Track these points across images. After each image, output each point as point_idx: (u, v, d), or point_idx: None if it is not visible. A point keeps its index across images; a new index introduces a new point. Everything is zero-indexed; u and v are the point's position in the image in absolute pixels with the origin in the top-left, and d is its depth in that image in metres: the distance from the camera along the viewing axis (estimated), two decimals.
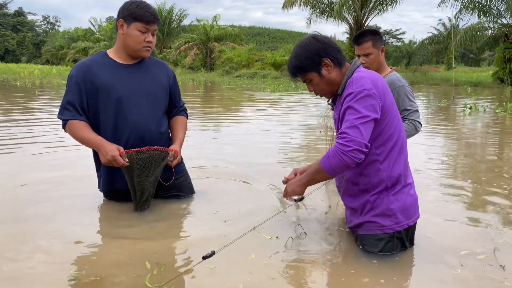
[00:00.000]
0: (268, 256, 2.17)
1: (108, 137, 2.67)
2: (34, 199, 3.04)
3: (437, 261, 2.19)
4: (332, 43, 2.17)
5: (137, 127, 2.70)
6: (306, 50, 2.14)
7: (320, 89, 2.22)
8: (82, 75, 2.66)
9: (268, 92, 17.56)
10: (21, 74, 28.64)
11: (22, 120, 7.59)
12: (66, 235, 2.40)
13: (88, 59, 2.76)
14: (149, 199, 2.75)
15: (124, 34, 2.67)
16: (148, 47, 2.71)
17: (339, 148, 1.98)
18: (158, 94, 2.81)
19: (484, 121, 9.15)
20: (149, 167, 2.65)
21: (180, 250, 2.27)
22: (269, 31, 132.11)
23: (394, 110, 2.15)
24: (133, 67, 2.77)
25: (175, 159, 2.76)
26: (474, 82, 25.79)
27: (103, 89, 2.66)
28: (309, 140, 6.22)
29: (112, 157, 2.54)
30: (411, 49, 51.80)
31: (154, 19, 2.65)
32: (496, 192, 3.54)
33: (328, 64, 2.14)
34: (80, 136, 2.65)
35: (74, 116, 2.66)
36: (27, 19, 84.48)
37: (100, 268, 2.03)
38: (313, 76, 2.17)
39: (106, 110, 2.68)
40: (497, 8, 24.28)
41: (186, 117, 3.07)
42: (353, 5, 28.11)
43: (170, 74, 2.96)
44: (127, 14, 2.63)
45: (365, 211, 2.21)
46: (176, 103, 3.01)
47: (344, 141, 1.97)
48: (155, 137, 2.77)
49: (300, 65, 2.16)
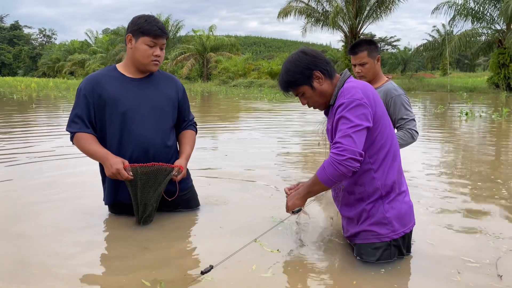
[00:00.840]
0: (268, 268, 2.17)
1: (113, 150, 2.69)
2: (32, 212, 3.04)
3: (436, 269, 2.20)
4: (321, 56, 2.21)
5: (142, 141, 2.71)
6: (296, 65, 2.17)
7: (313, 101, 2.25)
8: (91, 88, 2.70)
9: (265, 101, 17.62)
10: (17, 88, 28.62)
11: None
12: (62, 253, 2.39)
13: (97, 73, 2.81)
14: (152, 214, 2.75)
15: (133, 49, 2.70)
16: (156, 61, 2.73)
17: (333, 158, 2.00)
18: (165, 108, 2.81)
19: (480, 127, 9.20)
20: (153, 182, 2.64)
21: (180, 264, 2.27)
22: (265, 40, 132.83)
23: (386, 119, 2.18)
24: (141, 81, 2.79)
25: (180, 174, 2.75)
26: (469, 88, 25.96)
27: (110, 102, 2.69)
28: (306, 147, 6.24)
29: (116, 170, 2.54)
30: (406, 56, 52.10)
31: (161, 33, 2.67)
32: (494, 199, 3.55)
33: (319, 77, 2.17)
34: (86, 148, 2.67)
35: (81, 129, 2.69)
36: (23, 32, 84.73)
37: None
38: (305, 89, 2.20)
39: (112, 123, 2.71)
40: (490, 14, 24.54)
41: (195, 131, 3.05)
42: (348, 14, 28.34)
43: (179, 88, 2.95)
44: (135, 28, 2.66)
45: (361, 220, 2.23)
46: (185, 117, 2.99)
47: (338, 150, 1.99)
48: (160, 151, 2.77)
49: (291, 80, 2.19)
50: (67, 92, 24.28)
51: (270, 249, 2.38)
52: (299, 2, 29.29)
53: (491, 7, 24.27)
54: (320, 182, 2.09)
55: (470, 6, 24.53)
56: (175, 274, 2.13)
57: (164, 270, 2.16)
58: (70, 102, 16.70)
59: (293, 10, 29.22)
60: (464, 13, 24.50)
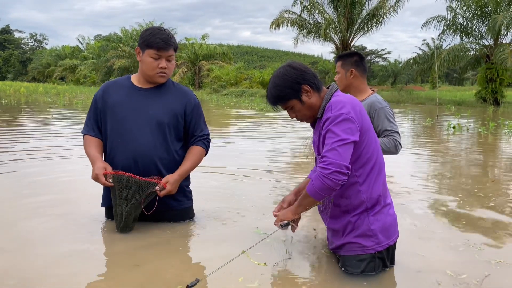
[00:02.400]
0: (255, 279, 2.17)
1: (108, 155, 2.78)
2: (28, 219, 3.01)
3: (417, 281, 2.22)
4: (308, 70, 2.24)
5: (131, 150, 2.71)
6: (285, 80, 2.19)
7: (301, 114, 2.26)
8: (101, 94, 2.84)
9: (256, 110, 17.67)
10: (6, 92, 28.36)
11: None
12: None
13: (112, 80, 2.95)
14: (128, 225, 2.72)
15: (141, 61, 2.76)
16: (163, 73, 2.74)
17: (320, 172, 2.02)
18: (164, 121, 2.77)
19: (467, 140, 9.33)
20: (127, 193, 2.61)
21: (167, 277, 2.24)
22: (257, 50, 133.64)
23: (372, 133, 2.21)
24: (148, 92, 2.81)
25: (163, 190, 2.67)
26: (457, 101, 26.33)
27: (112, 108, 2.77)
28: (295, 153, 6.26)
29: (95, 175, 2.60)
30: (396, 68, 52.81)
31: (164, 45, 2.67)
32: (479, 211, 3.60)
33: (308, 90, 2.19)
34: (86, 150, 2.79)
35: (88, 132, 2.84)
36: (14, 36, 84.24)
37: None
38: (294, 103, 2.22)
39: (112, 129, 2.77)
40: (478, 30, 25.00)
41: (204, 147, 2.91)
42: (339, 26, 28.65)
43: (190, 103, 2.88)
44: (142, 41, 2.72)
45: (346, 232, 2.24)
46: (194, 132, 2.90)
47: (324, 164, 2.01)
48: (150, 163, 2.73)
49: (280, 94, 2.21)
50: (57, 97, 24.11)
51: (257, 262, 2.37)
52: (291, 13, 29.56)
53: (479, 22, 24.74)
54: (309, 196, 2.10)
55: (458, 21, 24.99)
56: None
57: (151, 285, 2.14)
58: (59, 107, 16.59)
59: (286, 21, 29.46)
60: (453, 28, 24.94)
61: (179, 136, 2.89)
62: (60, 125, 10.50)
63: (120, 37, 47.73)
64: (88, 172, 2.70)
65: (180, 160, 2.87)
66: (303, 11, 29.28)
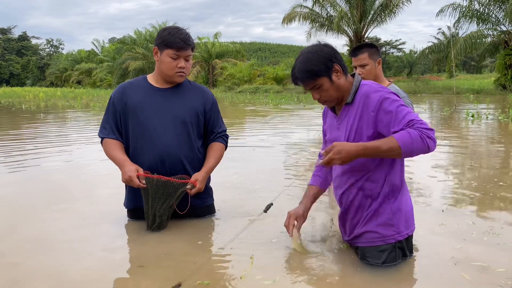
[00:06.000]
0: (270, 274, 2.17)
1: (132, 157, 2.77)
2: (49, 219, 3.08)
3: (440, 270, 2.19)
4: (338, 52, 2.20)
5: (158, 150, 2.73)
6: (319, 55, 2.10)
7: (328, 95, 2.16)
8: (119, 96, 2.81)
9: (270, 106, 17.65)
10: (26, 98, 28.95)
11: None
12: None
13: (127, 82, 2.93)
14: (161, 225, 2.74)
15: (159, 61, 2.76)
16: (181, 72, 2.76)
17: (426, 133, 1.92)
18: (187, 119, 2.80)
19: (487, 129, 9.14)
20: (161, 195, 2.65)
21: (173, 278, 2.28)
22: (270, 46, 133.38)
23: None
24: (167, 91, 2.83)
25: (193, 188, 2.72)
26: (476, 90, 25.79)
27: (133, 110, 2.77)
28: (310, 150, 6.24)
29: (129, 177, 2.60)
30: (412, 59, 52.00)
31: (184, 45, 2.68)
32: (501, 201, 3.53)
33: (338, 70, 2.13)
34: (109, 153, 2.77)
35: (108, 135, 2.81)
36: (31, 43, 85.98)
37: None
38: (324, 81, 2.12)
39: (134, 130, 2.78)
40: (496, 16, 24.45)
41: (224, 143, 2.98)
42: (352, 18, 28.38)
43: (208, 100, 2.93)
44: (160, 41, 2.72)
45: (366, 219, 2.21)
46: (214, 129, 2.95)
47: (426, 126, 1.93)
48: (177, 162, 2.76)
49: (314, 69, 2.09)
50: (74, 101, 24.51)
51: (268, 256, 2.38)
52: (303, 7, 29.43)
53: (496, 8, 24.18)
54: (399, 150, 1.92)
55: (475, 7, 24.48)
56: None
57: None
58: (77, 110, 16.86)
59: (298, 15, 29.33)
60: (469, 15, 24.43)
61: (200, 134, 2.93)
62: (78, 128, 10.67)
63: (134, 39, 48.27)
64: (107, 174, 2.74)
65: (202, 157, 2.91)
66: (315, 5, 29.12)
